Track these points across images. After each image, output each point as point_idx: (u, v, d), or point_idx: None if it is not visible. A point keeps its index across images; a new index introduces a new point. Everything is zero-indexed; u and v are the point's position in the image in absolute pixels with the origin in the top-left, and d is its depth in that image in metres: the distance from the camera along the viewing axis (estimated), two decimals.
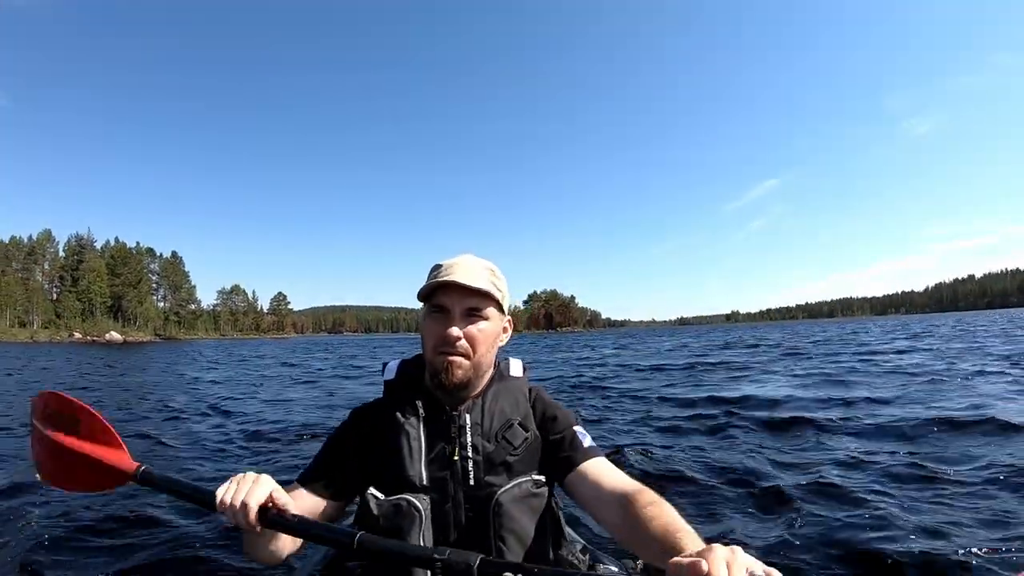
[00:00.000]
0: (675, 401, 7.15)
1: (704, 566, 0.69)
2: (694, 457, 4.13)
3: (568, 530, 1.45)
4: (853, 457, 3.86)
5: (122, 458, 1.24)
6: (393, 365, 1.36)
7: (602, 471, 1.18)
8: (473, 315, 1.21)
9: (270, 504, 1.03)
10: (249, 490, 1.02)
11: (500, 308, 1.26)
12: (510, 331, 1.34)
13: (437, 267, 1.25)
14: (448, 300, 1.20)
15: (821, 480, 3.31)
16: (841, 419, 5.19)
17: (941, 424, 4.66)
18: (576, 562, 1.33)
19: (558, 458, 1.24)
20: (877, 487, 3.18)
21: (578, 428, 1.27)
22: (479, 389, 1.28)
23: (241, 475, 1.06)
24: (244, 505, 1.00)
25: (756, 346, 20.94)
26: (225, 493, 1.03)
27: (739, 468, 3.70)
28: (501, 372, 1.34)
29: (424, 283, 1.24)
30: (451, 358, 1.19)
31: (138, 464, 1.22)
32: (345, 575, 1.44)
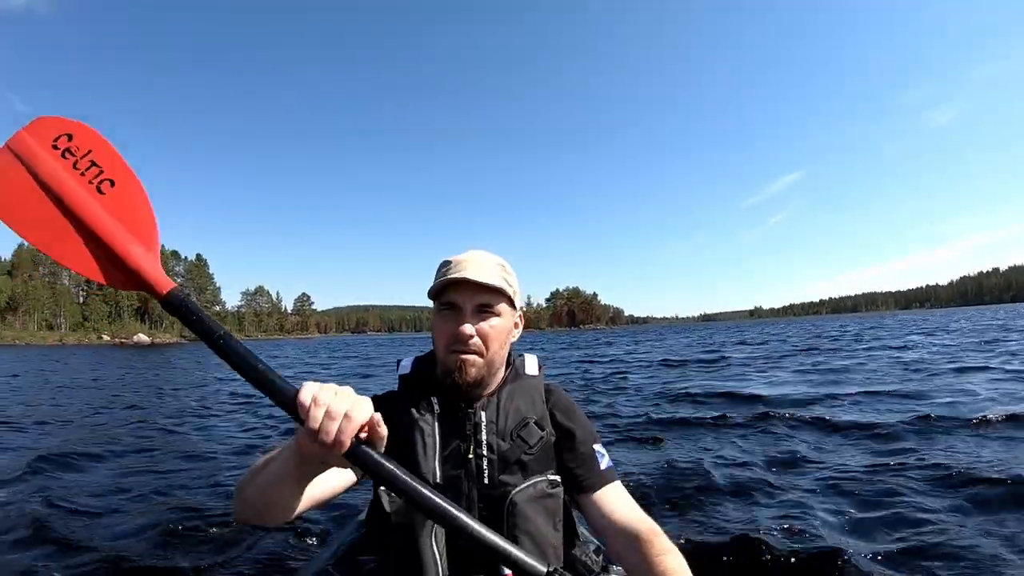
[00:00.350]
0: (673, 397, 7.33)
1: None
2: (680, 451, 4.27)
3: (582, 530, 1.43)
4: (820, 453, 4.01)
5: (152, 263, 0.84)
6: (408, 361, 1.33)
7: (615, 501, 1.17)
8: (485, 312, 1.17)
9: (365, 433, 0.76)
10: (353, 404, 0.75)
11: (512, 304, 1.23)
12: (521, 327, 1.31)
13: (446, 263, 1.21)
14: (459, 297, 1.16)
15: (805, 479, 3.38)
16: (821, 416, 5.24)
17: (919, 421, 4.69)
18: (590, 563, 1.30)
19: (572, 475, 1.22)
20: (843, 484, 3.23)
21: (597, 447, 1.24)
22: (493, 387, 1.24)
23: (335, 384, 0.78)
24: (347, 418, 0.73)
25: (766, 343, 21.20)
26: (321, 391, 0.75)
27: (716, 462, 3.80)
28: (516, 370, 1.30)
29: (433, 280, 1.21)
30: (464, 356, 1.15)
31: (174, 284, 0.83)
32: (358, 570, 1.43)
